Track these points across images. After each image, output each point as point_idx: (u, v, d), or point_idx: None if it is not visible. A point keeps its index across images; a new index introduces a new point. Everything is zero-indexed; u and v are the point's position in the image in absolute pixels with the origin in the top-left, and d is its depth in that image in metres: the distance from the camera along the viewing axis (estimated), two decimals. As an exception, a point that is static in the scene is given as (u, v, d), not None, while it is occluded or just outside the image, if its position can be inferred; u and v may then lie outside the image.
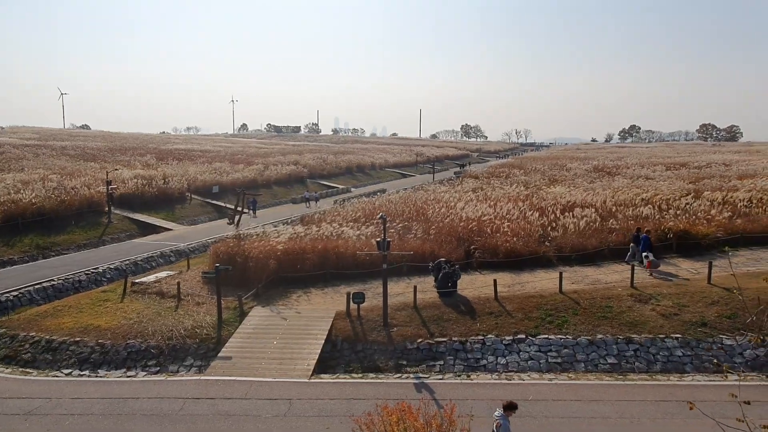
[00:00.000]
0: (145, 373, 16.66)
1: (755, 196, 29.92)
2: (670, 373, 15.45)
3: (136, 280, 23.84)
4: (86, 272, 26.31)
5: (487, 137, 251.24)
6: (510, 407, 10.10)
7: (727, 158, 64.94)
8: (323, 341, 17.27)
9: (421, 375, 15.78)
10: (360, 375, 16.02)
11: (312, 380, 15.34)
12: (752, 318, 7.10)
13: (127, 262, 28.60)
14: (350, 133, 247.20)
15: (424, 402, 9.99)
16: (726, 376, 13.99)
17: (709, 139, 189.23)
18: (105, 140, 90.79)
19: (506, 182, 46.36)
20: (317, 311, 19.66)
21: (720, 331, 16.46)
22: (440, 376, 15.70)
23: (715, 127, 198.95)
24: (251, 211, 42.40)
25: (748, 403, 3.57)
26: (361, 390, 14.77)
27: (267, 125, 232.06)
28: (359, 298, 18.96)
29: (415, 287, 19.84)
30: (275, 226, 31.09)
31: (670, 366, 15.74)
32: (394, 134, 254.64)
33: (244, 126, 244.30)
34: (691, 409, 4.41)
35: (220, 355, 16.90)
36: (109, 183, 38.61)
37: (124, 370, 16.90)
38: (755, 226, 25.03)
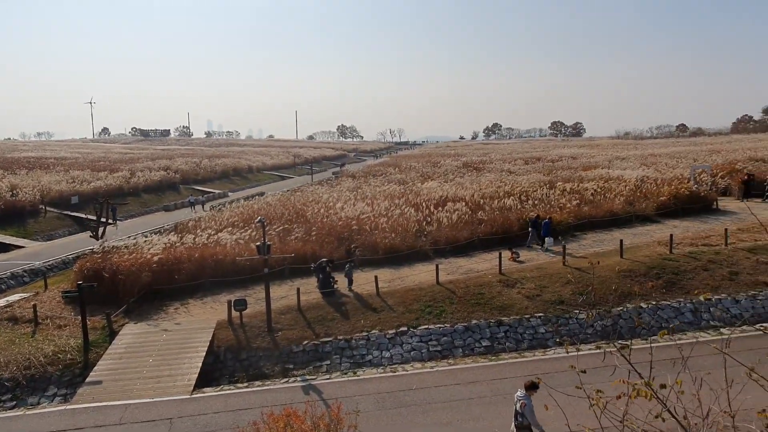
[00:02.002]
0: (-2, 409, 14.87)
1: (598, 186, 33.75)
2: (535, 350, 17.01)
3: (-19, 307, 21.10)
4: None
5: (362, 137, 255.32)
6: (532, 386, 10.15)
7: (574, 152, 72.30)
8: (204, 353, 16.62)
9: (308, 377, 15.83)
10: (245, 384, 15.67)
11: (194, 396, 14.72)
12: (592, 295, 8.08)
13: (-32, 287, 25.15)
14: (225, 136, 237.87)
15: (312, 404, 10.09)
16: (567, 350, 15.59)
17: (559, 135, 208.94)
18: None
19: (383, 181, 47.67)
20: (197, 322, 18.86)
21: (574, 307, 18.43)
22: (327, 376, 15.86)
23: (564, 124, 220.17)
24: (112, 221, 39.25)
25: (584, 371, 4.15)
26: (247, 399, 14.47)
27: (132, 129, 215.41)
28: (241, 304, 18.51)
29: (298, 289, 19.81)
30: (147, 236, 29.18)
31: (535, 343, 17.34)
32: (271, 136, 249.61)
33: (105, 130, 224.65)
34: (539, 382, 5.01)
35: (88, 380, 15.57)
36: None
37: (-29, 409, 14.94)
38: (599, 211, 28.33)
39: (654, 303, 18.55)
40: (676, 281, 19.69)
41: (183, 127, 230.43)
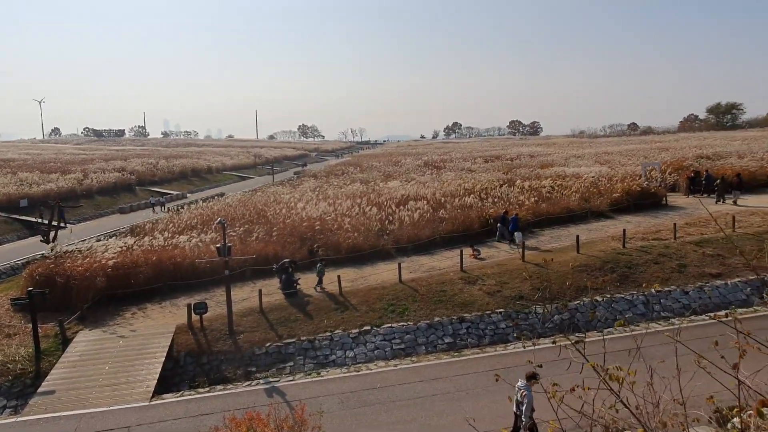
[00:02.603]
0: (-58, 425, 14.15)
1: (555, 183, 34.61)
2: (497, 345, 17.34)
3: None
4: None
5: (324, 137, 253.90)
6: (533, 377, 10.17)
7: (532, 150, 73.78)
8: (163, 359, 16.23)
9: (271, 379, 15.67)
10: (206, 389, 15.39)
11: (153, 402, 14.36)
12: (552, 288, 8.30)
13: None
14: (183, 136, 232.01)
15: (275, 406, 10.00)
16: (524, 345, 15.98)
17: (517, 134, 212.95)
18: None
19: (345, 180, 47.56)
20: (155, 327, 18.39)
21: (534, 302, 18.87)
22: (291, 378, 15.75)
23: (522, 123, 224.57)
24: (63, 224, 37.81)
25: (540, 366, 4.29)
26: (209, 404, 14.22)
27: (85, 129, 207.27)
28: (201, 308, 18.16)
29: (260, 291, 19.58)
30: (101, 240, 28.24)
31: (496, 338, 17.67)
32: (231, 136, 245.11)
33: (56, 130, 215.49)
34: (497, 380, 5.12)
35: (40, 390, 14.98)
36: None
37: None
38: (556, 208, 29.07)
39: (608, 296, 19.17)
40: (629, 275, 20.40)
41: (138, 127, 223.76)
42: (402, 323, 18.00)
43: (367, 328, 17.80)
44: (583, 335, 4.85)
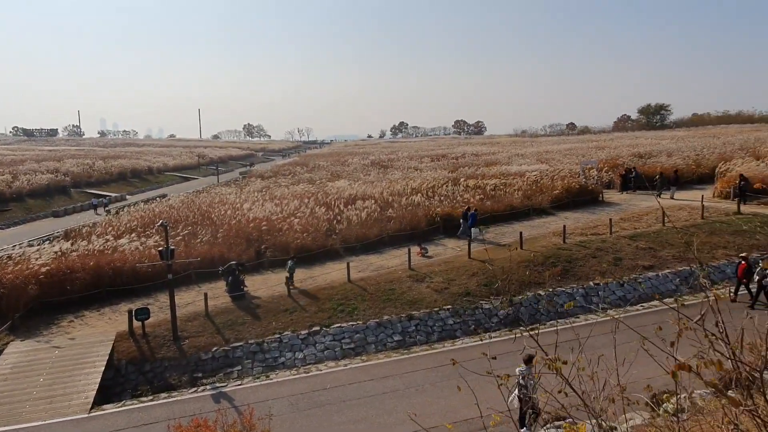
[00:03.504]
0: None
1: (499, 181, 35.53)
2: (445, 341, 17.62)
3: None
4: None
5: (270, 136, 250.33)
6: (530, 360, 10.23)
7: (476, 149, 75.46)
8: (103, 368, 15.56)
9: (218, 384, 15.33)
10: (150, 397, 14.89)
11: (93, 414, 13.76)
12: (498, 284, 8.56)
13: None
14: (121, 136, 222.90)
15: (223, 412, 9.82)
16: (481, 338, 16.46)
17: (462, 133, 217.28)
18: None
19: (292, 180, 47.08)
20: (94, 335, 17.61)
21: (480, 298, 19.30)
22: (239, 382, 15.45)
23: (466, 123, 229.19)
24: None
25: (495, 358, 4.41)
26: (153, 413, 13.76)
27: (14, 128, 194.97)
28: (143, 314, 17.53)
29: (205, 294, 19.10)
30: (33, 245, 26.76)
31: (444, 334, 17.96)
32: (172, 136, 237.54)
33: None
34: (454, 364, 5.23)
35: (-34, 407, 14.05)
36: None
37: None
38: (500, 205, 29.86)
39: (551, 290, 19.87)
40: (569, 269, 21.22)
41: (73, 126, 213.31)
42: (351, 323, 18.01)
43: (317, 328, 17.71)
44: (537, 326, 5.04)
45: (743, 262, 18.24)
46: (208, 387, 15.23)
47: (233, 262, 20.57)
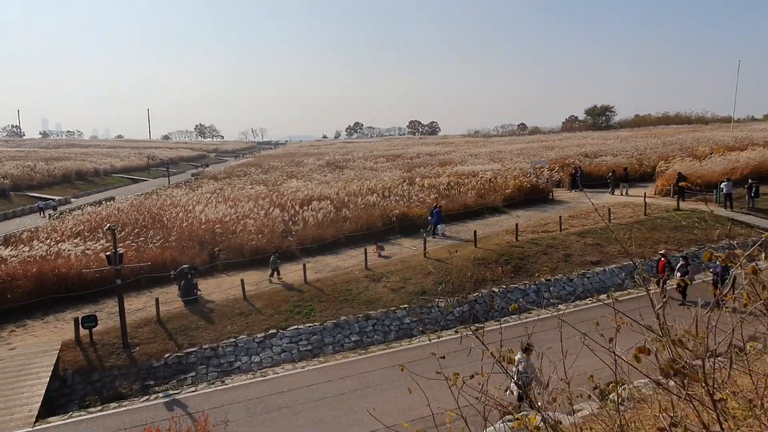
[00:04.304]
0: None
1: (453, 181, 36.07)
2: (402, 340, 17.77)
3: None
4: None
5: (223, 137, 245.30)
6: (528, 348, 10.37)
7: (431, 150, 76.24)
8: (48, 379, 14.90)
9: (171, 392, 14.95)
10: (99, 408, 14.36)
11: (37, 427, 13.16)
12: (443, 284, 8.70)
13: None
14: (65, 137, 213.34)
15: (176, 420, 9.61)
16: (429, 339, 16.66)
17: (417, 134, 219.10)
18: None
19: (246, 181, 46.33)
20: (38, 345, 16.83)
21: (436, 296, 19.56)
22: (193, 389, 15.11)
23: (421, 123, 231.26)
24: None
25: (443, 357, 4.51)
26: (101, 424, 13.28)
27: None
28: (90, 321, 16.90)
29: (157, 299, 18.58)
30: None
31: (401, 333, 18.11)
32: (120, 136, 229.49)
33: None
34: (402, 370, 5.33)
35: None
36: None
37: None
38: (454, 205, 30.32)
39: (504, 287, 20.35)
40: (522, 266, 21.78)
41: (12, 126, 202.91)
42: (308, 324, 17.92)
43: (273, 331, 17.52)
44: (483, 325, 5.18)
45: (663, 259, 19.09)
46: (160, 395, 14.82)
47: (186, 266, 20.10)
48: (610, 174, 35.44)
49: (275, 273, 21.45)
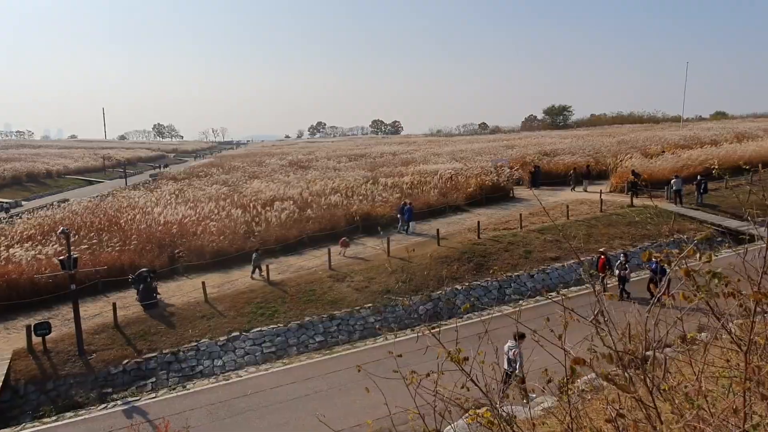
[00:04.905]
0: None
1: (416, 180, 36.31)
2: (367, 339, 17.84)
3: None
4: None
5: (183, 137, 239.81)
6: (521, 336, 10.43)
7: (394, 149, 76.43)
8: (-1, 390, 14.34)
9: (130, 399, 14.61)
10: (54, 418, 13.92)
11: (-12, 440, 12.68)
12: (412, 282, 8.80)
13: None
14: (14, 137, 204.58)
15: (135, 427, 9.42)
16: (386, 338, 16.82)
17: (380, 133, 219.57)
18: None
19: (207, 182, 45.48)
20: (-14, 356, 16.15)
21: (400, 295, 19.69)
22: (153, 395, 14.81)
23: (383, 123, 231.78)
24: None
25: (400, 356, 4.58)
26: (58, 434, 12.89)
27: None
28: (43, 328, 16.32)
29: (114, 304, 18.09)
30: None
31: (366, 333, 18.18)
32: (73, 136, 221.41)
33: None
34: (359, 371, 5.37)
35: None
36: None
37: None
38: (417, 203, 30.46)
39: (467, 284, 20.66)
40: (484, 263, 22.15)
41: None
42: (272, 326, 17.78)
43: (236, 333, 17.31)
44: (438, 323, 5.29)
45: (602, 257, 19.82)
46: (119, 402, 14.46)
47: (144, 269, 19.63)
48: (572, 171, 36.44)
49: (257, 270, 21.31)
